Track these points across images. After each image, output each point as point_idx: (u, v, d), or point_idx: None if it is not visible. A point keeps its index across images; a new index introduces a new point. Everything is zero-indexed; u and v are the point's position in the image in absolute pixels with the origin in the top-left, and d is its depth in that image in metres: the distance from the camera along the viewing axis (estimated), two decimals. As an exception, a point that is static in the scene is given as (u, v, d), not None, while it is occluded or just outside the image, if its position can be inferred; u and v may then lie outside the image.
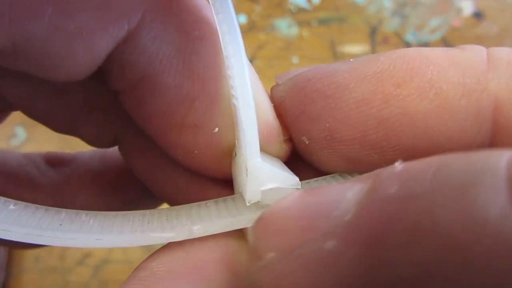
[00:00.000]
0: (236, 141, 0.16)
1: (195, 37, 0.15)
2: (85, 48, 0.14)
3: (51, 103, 0.19)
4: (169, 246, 0.15)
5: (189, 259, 0.14)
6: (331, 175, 0.16)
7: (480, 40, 0.59)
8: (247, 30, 0.58)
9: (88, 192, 0.22)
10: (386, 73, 0.14)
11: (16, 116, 0.20)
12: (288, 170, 0.16)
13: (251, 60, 0.56)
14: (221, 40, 0.14)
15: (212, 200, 0.16)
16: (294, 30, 0.60)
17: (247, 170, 0.14)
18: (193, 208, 0.16)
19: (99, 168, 0.23)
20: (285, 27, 0.60)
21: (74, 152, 0.23)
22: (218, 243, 0.15)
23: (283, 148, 0.16)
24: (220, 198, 0.16)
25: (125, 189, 0.22)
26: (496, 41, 0.59)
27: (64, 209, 0.15)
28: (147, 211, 0.16)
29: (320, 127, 0.15)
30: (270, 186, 0.15)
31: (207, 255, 0.14)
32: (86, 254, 0.47)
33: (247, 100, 0.14)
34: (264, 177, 0.15)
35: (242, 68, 0.14)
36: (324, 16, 0.61)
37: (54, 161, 0.22)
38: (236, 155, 0.16)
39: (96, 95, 0.19)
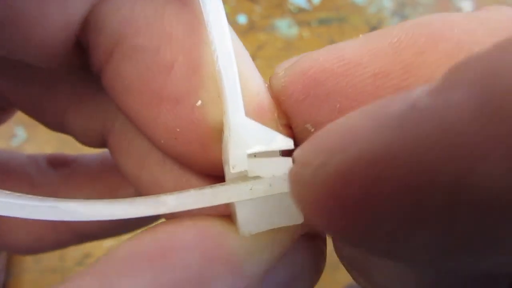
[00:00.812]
0: (223, 118, 0.14)
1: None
2: (60, 10, 0.14)
3: (41, 96, 0.18)
4: (142, 231, 0.13)
5: (156, 241, 0.12)
6: None
7: (480, 40, 0.59)
8: (247, 30, 0.58)
9: (86, 195, 0.21)
10: (404, 42, 0.13)
11: (16, 116, 0.21)
12: (280, 134, 0.14)
13: (251, 60, 0.56)
14: (201, 4, 0.13)
15: (198, 187, 0.14)
16: (294, 30, 0.60)
17: (230, 130, 0.13)
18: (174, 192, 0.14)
19: (99, 170, 0.22)
20: (285, 27, 0.60)
21: (77, 154, 0.23)
22: (196, 224, 0.13)
23: (279, 128, 0.15)
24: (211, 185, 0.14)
25: (124, 193, 0.22)
26: (496, 41, 0.59)
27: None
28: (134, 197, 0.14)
29: (329, 109, 0.14)
30: (257, 148, 0.13)
31: (179, 238, 0.12)
32: (86, 255, 0.47)
33: (226, 54, 0.13)
34: (250, 137, 0.13)
35: (222, 29, 0.13)
36: (324, 16, 0.61)
37: (55, 162, 0.22)
38: (224, 132, 0.14)
39: (82, 85, 0.19)
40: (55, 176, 0.21)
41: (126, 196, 0.22)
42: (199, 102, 0.14)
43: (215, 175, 0.15)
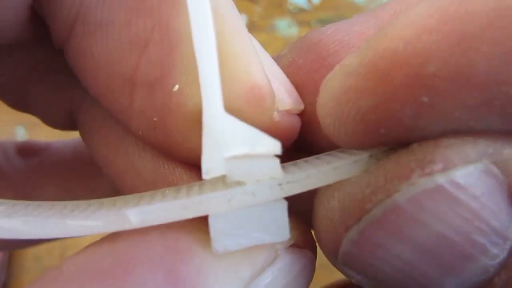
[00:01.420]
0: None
1: None
2: None
3: None
4: (100, 240, 0.11)
5: (113, 255, 0.10)
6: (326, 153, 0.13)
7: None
8: (247, 30, 0.58)
9: (55, 185, 0.19)
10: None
11: (17, 116, 0.20)
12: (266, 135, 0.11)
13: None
14: None
15: (173, 188, 0.12)
16: (294, 30, 0.60)
17: (204, 127, 0.11)
18: (143, 196, 0.12)
19: (72, 159, 0.20)
20: (285, 27, 0.60)
21: (50, 141, 0.21)
22: (164, 236, 0.11)
23: (272, 121, 0.13)
24: (186, 185, 0.12)
25: (97, 184, 0.20)
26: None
27: None
28: (94, 201, 0.12)
29: None
30: (237, 150, 0.11)
31: (142, 252, 0.10)
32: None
33: (203, 32, 0.10)
34: (228, 136, 0.11)
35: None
36: (324, 16, 0.61)
37: (25, 150, 0.20)
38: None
39: (44, 59, 0.16)
40: (22, 165, 0.19)
41: (102, 190, 0.19)
42: (176, 87, 0.12)
43: (196, 163, 0.13)
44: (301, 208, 0.12)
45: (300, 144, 0.14)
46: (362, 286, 0.12)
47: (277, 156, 0.11)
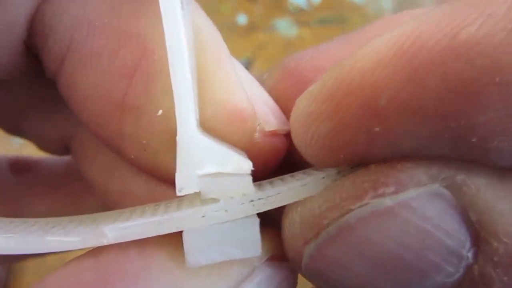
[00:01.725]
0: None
1: None
2: (0, 11, 0.12)
3: None
4: (82, 255, 0.12)
5: (97, 271, 0.11)
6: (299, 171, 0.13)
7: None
8: (247, 30, 0.58)
9: (47, 201, 0.19)
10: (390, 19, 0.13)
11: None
12: (241, 152, 0.12)
13: (251, 61, 0.56)
14: None
15: (152, 204, 0.13)
16: (294, 30, 0.60)
17: (177, 145, 0.11)
18: (123, 213, 0.12)
19: (63, 176, 0.20)
20: (285, 27, 0.60)
21: (41, 156, 0.21)
22: (142, 252, 0.11)
23: (253, 141, 0.13)
24: (165, 201, 0.13)
25: (89, 200, 0.20)
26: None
27: None
28: (75, 217, 0.12)
29: None
30: (209, 169, 0.11)
31: (123, 268, 0.11)
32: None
33: (176, 52, 0.11)
34: (201, 155, 0.11)
35: (174, 20, 0.11)
36: (324, 16, 0.61)
37: (17, 166, 0.20)
38: None
39: (39, 90, 0.17)
40: (14, 182, 0.20)
41: (93, 206, 0.20)
42: (160, 112, 0.12)
43: None
44: (277, 219, 0.13)
45: (290, 162, 0.15)
46: None
47: (252, 174, 0.12)
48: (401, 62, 0.09)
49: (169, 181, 0.14)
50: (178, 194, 0.11)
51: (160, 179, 0.14)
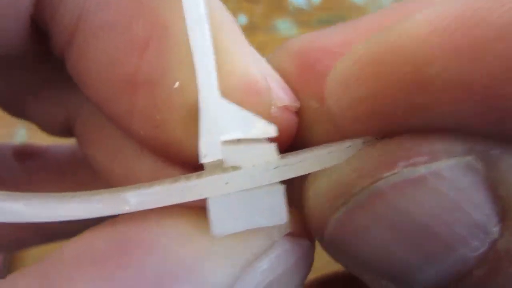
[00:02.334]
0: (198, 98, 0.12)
1: None
2: None
3: None
4: (98, 226, 0.12)
5: (111, 240, 0.11)
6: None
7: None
8: (247, 30, 0.58)
9: (54, 189, 0.18)
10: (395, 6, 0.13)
11: (17, 117, 0.20)
12: (261, 118, 0.12)
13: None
14: None
15: (171, 178, 0.12)
16: (294, 30, 0.60)
17: (200, 112, 0.11)
18: (142, 184, 0.12)
19: (69, 164, 0.20)
20: (285, 27, 0.60)
21: (48, 144, 0.21)
22: (160, 221, 0.11)
23: (270, 116, 0.13)
24: (185, 175, 0.12)
25: (95, 188, 0.20)
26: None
27: None
28: (94, 191, 0.12)
29: None
30: (233, 134, 0.11)
31: (139, 237, 0.11)
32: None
33: (197, 20, 0.11)
34: (224, 120, 0.11)
35: None
36: (324, 16, 0.61)
37: (22, 154, 0.20)
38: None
39: (43, 69, 0.17)
40: (20, 169, 0.19)
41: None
42: (177, 84, 0.12)
43: (197, 163, 0.13)
44: (297, 197, 0.13)
45: (293, 147, 0.15)
46: (346, 268, 0.13)
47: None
48: (458, 33, 0.09)
49: (180, 160, 0.14)
50: (201, 161, 0.11)
51: (168, 158, 0.14)
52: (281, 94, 0.14)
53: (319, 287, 0.14)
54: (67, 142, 0.21)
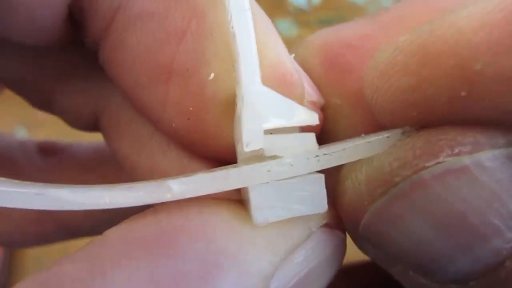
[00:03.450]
0: (236, 88, 0.12)
1: None
2: None
3: (25, 70, 0.16)
4: (140, 214, 0.12)
5: (157, 226, 0.11)
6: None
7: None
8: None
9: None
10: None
11: (17, 115, 0.20)
12: (303, 106, 0.12)
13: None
14: None
15: (208, 170, 0.12)
16: (294, 30, 0.60)
17: (243, 101, 0.11)
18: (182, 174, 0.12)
19: (92, 161, 0.20)
20: (285, 27, 0.60)
21: (70, 141, 0.21)
22: (203, 210, 0.11)
23: (305, 105, 0.13)
24: (221, 167, 0.12)
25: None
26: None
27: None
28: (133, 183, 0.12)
29: (353, 80, 0.13)
30: (276, 122, 0.11)
31: (183, 225, 0.11)
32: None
33: (241, 10, 0.11)
34: (267, 109, 0.11)
35: None
36: (324, 16, 0.61)
37: (46, 149, 0.20)
38: (236, 104, 0.12)
39: (73, 62, 0.17)
40: (43, 164, 0.19)
41: None
42: (212, 75, 0.12)
43: (228, 160, 0.13)
44: (329, 188, 0.13)
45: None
46: (375, 260, 0.13)
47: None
48: (507, 28, 0.09)
49: (209, 152, 0.14)
50: (245, 149, 0.11)
51: (197, 151, 0.14)
52: (309, 90, 0.14)
53: (344, 276, 0.14)
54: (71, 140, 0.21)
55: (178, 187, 0.11)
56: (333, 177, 0.13)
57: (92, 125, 0.18)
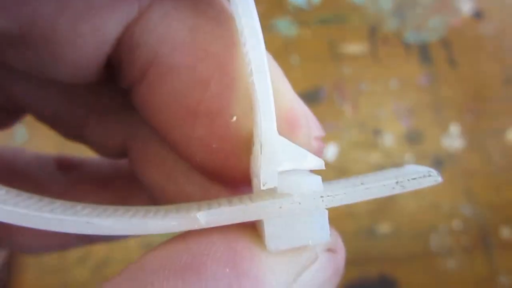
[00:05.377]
0: (253, 129, 0.14)
1: (209, 17, 0.14)
2: (94, 30, 0.13)
3: (60, 105, 0.18)
4: (171, 240, 0.13)
5: (188, 253, 0.12)
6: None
7: (479, 40, 0.59)
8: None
9: (95, 200, 0.20)
10: None
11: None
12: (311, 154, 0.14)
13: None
14: (236, 21, 0.13)
15: (225, 198, 0.15)
16: (294, 30, 0.60)
17: (261, 145, 0.13)
18: (202, 203, 0.14)
19: (108, 176, 0.22)
20: (285, 27, 0.60)
21: (83, 157, 0.22)
22: (226, 237, 0.13)
23: (311, 145, 0.15)
24: (237, 196, 0.15)
25: (135, 199, 0.21)
26: (495, 41, 0.59)
27: (60, 200, 0.14)
28: (154, 207, 0.14)
29: None
30: (288, 166, 0.13)
31: (211, 251, 0.13)
32: (86, 254, 0.47)
33: (260, 66, 0.13)
34: (281, 154, 0.13)
35: (257, 41, 0.13)
36: (324, 16, 0.61)
37: (63, 164, 0.21)
38: (254, 145, 0.14)
39: (105, 98, 0.18)
40: (62, 180, 0.21)
41: (138, 204, 0.21)
42: (234, 118, 0.14)
43: (242, 185, 0.15)
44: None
45: None
46: None
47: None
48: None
49: (227, 182, 0.16)
50: (262, 187, 0.13)
51: (217, 180, 0.16)
52: (314, 126, 0.15)
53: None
54: (70, 152, 0.22)
55: (205, 219, 0.13)
56: None
57: (121, 154, 0.19)
